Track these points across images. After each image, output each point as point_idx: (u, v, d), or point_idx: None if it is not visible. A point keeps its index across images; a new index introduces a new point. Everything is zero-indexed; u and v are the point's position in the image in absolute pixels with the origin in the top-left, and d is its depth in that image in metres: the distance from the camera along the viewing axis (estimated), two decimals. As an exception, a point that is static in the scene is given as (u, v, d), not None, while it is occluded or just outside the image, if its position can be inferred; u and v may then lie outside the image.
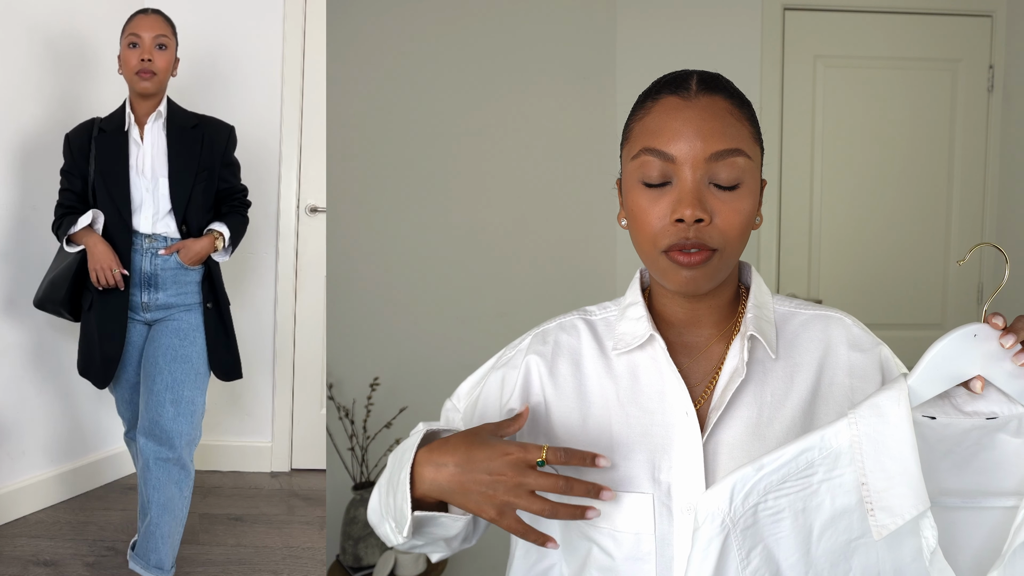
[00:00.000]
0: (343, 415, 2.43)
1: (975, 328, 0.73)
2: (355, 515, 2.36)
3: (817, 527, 0.72)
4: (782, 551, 0.72)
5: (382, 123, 2.54)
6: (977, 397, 0.73)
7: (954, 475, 0.73)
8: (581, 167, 2.57)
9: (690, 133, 0.82)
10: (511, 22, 2.59)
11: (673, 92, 0.86)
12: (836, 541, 0.72)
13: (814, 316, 0.93)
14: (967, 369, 0.73)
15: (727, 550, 0.71)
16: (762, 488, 0.71)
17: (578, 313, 0.98)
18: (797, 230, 2.81)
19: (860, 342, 0.91)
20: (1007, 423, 0.73)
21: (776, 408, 0.87)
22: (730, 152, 0.82)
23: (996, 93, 2.81)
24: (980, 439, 0.73)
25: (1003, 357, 0.72)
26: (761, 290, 0.93)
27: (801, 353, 0.90)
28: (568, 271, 2.53)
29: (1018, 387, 0.72)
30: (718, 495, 0.71)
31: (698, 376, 0.90)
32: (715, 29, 2.67)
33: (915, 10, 2.75)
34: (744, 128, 0.86)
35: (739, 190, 0.83)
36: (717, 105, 0.85)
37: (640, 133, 0.86)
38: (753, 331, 0.87)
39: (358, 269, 2.55)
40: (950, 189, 2.84)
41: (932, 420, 0.73)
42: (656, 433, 0.87)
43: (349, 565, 2.35)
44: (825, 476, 0.71)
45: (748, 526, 0.71)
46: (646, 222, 0.84)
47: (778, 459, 0.71)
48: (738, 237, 0.84)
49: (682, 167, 0.82)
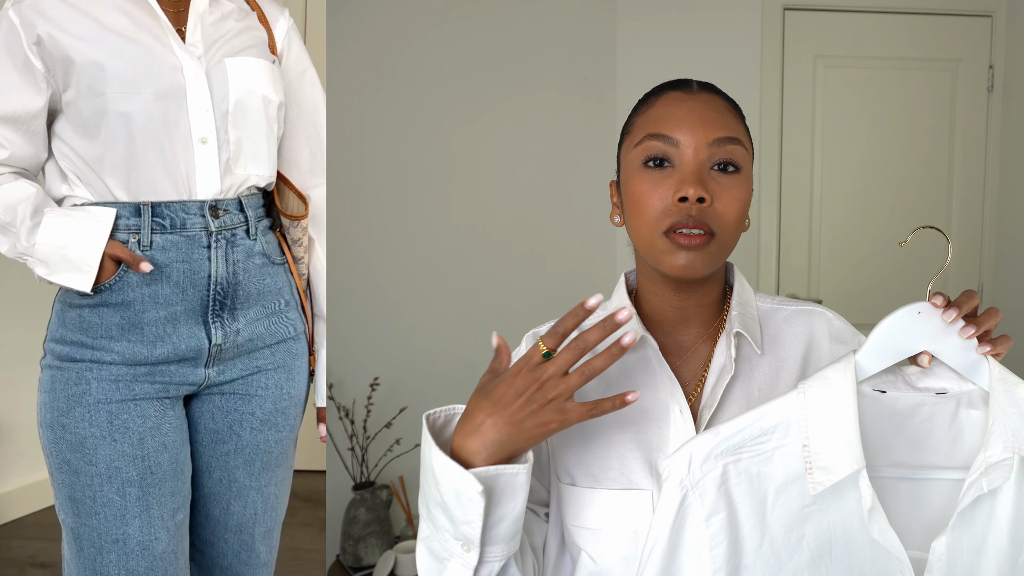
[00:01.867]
0: (343, 415, 2.43)
1: (920, 306, 0.76)
2: (355, 515, 2.36)
3: (771, 493, 0.74)
4: (740, 516, 0.75)
5: (382, 123, 2.54)
6: (928, 373, 0.77)
7: (905, 449, 0.76)
8: (581, 167, 2.57)
9: (693, 120, 0.86)
10: (512, 24, 2.59)
11: (675, 88, 0.91)
12: (789, 507, 0.74)
13: (796, 312, 0.95)
14: (913, 345, 0.76)
15: (685, 510, 0.74)
16: (719, 452, 0.74)
17: None
18: (797, 230, 2.81)
19: (842, 335, 0.93)
20: (957, 398, 0.76)
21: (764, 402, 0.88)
22: (730, 140, 0.87)
23: (996, 93, 2.81)
24: (931, 415, 0.76)
25: (949, 332, 0.75)
26: (744, 288, 0.96)
27: (785, 348, 0.92)
28: (568, 271, 2.53)
29: (964, 362, 0.75)
30: (677, 459, 0.75)
31: (688, 375, 0.91)
32: (715, 29, 2.67)
33: (915, 10, 2.76)
34: (740, 126, 0.90)
35: (738, 176, 0.87)
36: (716, 101, 0.90)
37: (644, 123, 0.89)
38: (739, 328, 0.89)
39: (358, 269, 2.55)
40: (950, 189, 2.84)
41: (883, 394, 0.76)
42: (652, 432, 0.87)
43: (349, 565, 2.35)
44: (778, 444, 0.74)
45: (707, 489, 0.74)
46: (648, 204, 0.86)
47: (734, 426, 0.75)
48: (735, 225, 0.87)
49: (685, 150, 0.86)
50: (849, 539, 0.75)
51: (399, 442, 2.42)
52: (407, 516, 2.52)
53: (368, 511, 2.35)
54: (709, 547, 0.74)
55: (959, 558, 0.73)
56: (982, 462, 0.72)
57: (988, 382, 0.75)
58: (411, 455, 2.44)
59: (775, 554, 0.75)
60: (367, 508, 2.35)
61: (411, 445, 2.42)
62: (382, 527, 2.37)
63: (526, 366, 0.76)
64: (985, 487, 0.71)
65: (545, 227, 2.59)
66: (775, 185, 2.77)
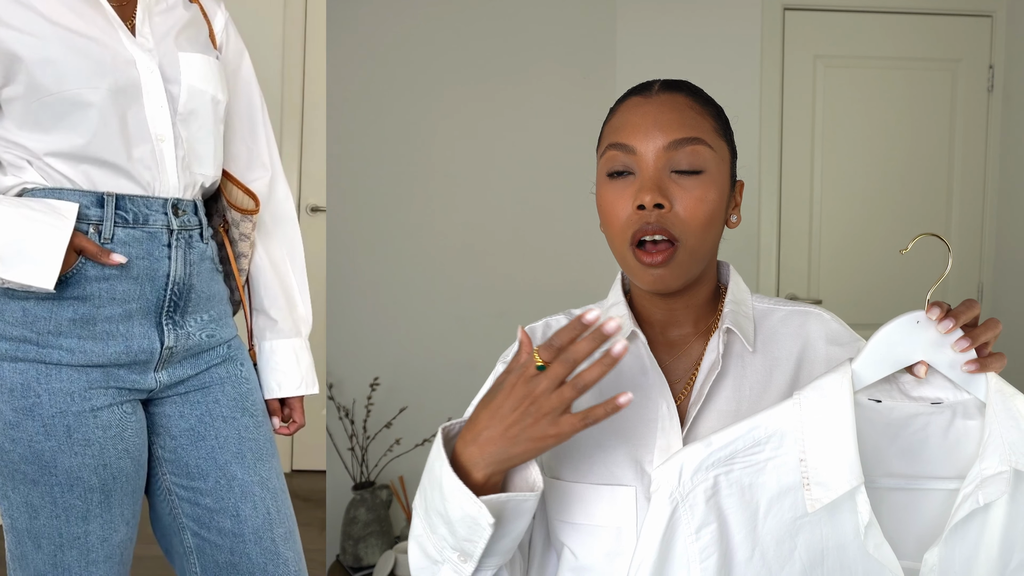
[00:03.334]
0: (343, 415, 2.43)
1: (918, 315, 0.74)
2: (355, 515, 2.36)
3: (764, 504, 0.74)
4: (731, 527, 0.74)
5: (382, 123, 2.54)
6: (923, 382, 0.76)
7: (901, 458, 0.76)
8: (582, 166, 2.57)
9: (648, 125, 0.85)
10: (512, 25, 2.59)
11: (636, 93, 0.90)
12: (782, 519, 0.74)
13: (792, 312, 0.94)
14: (910, 355, 0.74)
15: (675, 522, 0.73)
16: (710, 463, 0.73)
17: (563, 314, 0.99)
18: (797, 230, 2.81)
19: (838, 336, 0.92)
20: (953, 408, 0.75)
21: (755, 401, 0.87)
22: (688, 140, 0.85)
23: (996, 93, 2.81)
24: (927, 424, 0.75)
25: (946, 343, 0.74)
26: (739, 288, 0.94)
27: (780, 348, 0.91)
28: (568, 271, 2.53)
29: (960, 373, 0.74)
30: (668, 470, 0.74)
31: (678, 373, 0.91)
32: (715, 29, 2.67)
33: (915, 10, 2.75)
34: (706, 122, 0.87)
35: (701, 177, 0.85)
36: (676, 100, 0.87)
37: (607, 133, 0.90)
38: (729, 324, 0.89)
39: (358, 269, 2.55)
40: (950, 189, 2.84)
41: (878, 404, 0.76)
42: (639, 428, 0.87)
43: (349, 565, 2.35)
44: (772, 454, 0.73)
45: (697, 501, 0.73)
46: (613, 215, 0.86)
47: (727, 436, 0.73)
48: (701, 227, 0.85)
49: (643, 157, 0.85)
50: (842, 551, 0.74)
51: (399, 442, 2.42)
52: (407, 516, 2.52)
53: (368, 511, 2.35)
54: (699, 559, 0.73)
55: (951, 569, 0.73)
56: (977, 474, 0.72)
57: (985, 393, 0.74)
58: (411, 455, 2.44)
59: (766, 565, 0.74)
60: (367, 508, 2.36)
61: (411, 445, 2.43)
62: (382, 527, 2.37)
63: (521, 378, 0.74)
64: (981, 500, 0.71)
65: (546, 227, 2.59)
66: (775, 185, 2.77)
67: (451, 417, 0.87)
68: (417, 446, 2.42)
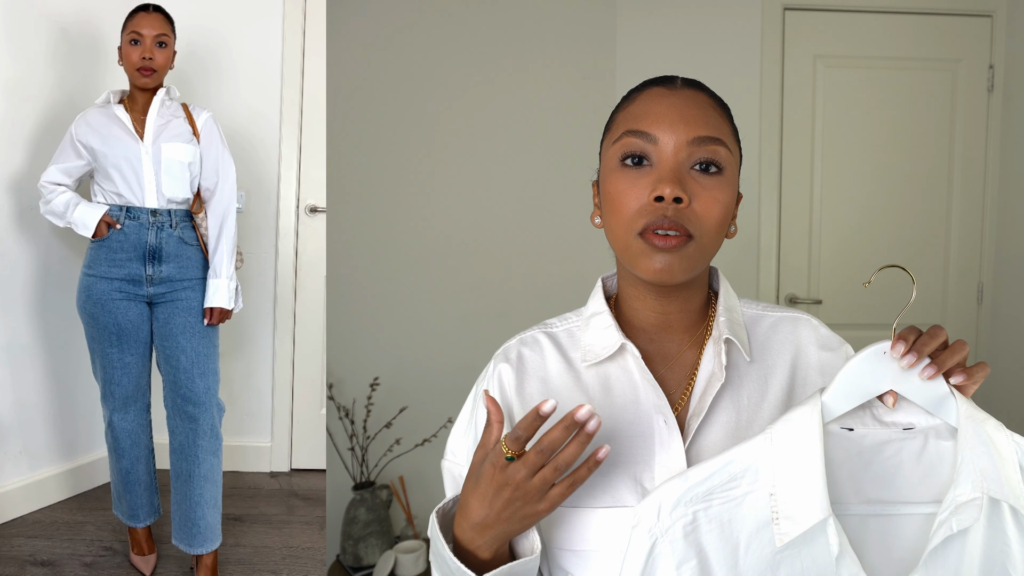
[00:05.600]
0: (343, 415, 2.43)
1: (884, 345, 0.75)
2: (355, 515, 2.36)
3: (743, 539, 0.73)
4: (712, 564, 0.73)
5: (382, 123, 2.54)
6: (896, 409, 0.76)
7: (876, 484, 0.76)
8: (582, 166, 2.57)
9: (674, 116, 0.83)
10: (512, 25, 2.59)
11: (658, 84, 0.88)
12: (762, 554, 0.73)
13: (781, 318, 0.93)
14: (879, 385, 0.75)
15: (655, 559, 0.73)
16: (688, 499, 0.73)
17: (538, 327, 0.97)
18: (797, 230, 2.81)
19: (828, 342, 0.91)
20: (925, 433, 0.76)
21: (754, 411, 0.86)
22: (712, 140, 0.83)
23: (996, 93, 2.81)
24: (899, 450, 0.76)
25: (914, 372, 0.75)
26: (729, 294, 0.93)
27: (773, 355, 0.90)
28: (568, 270, 2.53)
29: (930, 399, 0.75)
30: (647, 506, 0.74)
31: (672, 383, 0.89)
32: (715, 29, 2.67)
33: (915, 10, 2.76)
34: (725, 125, 0.86)
35: (719, 177, 0.83)
36: (699, 98, 0.86)
37: (624, 119, 0.87)
38: (728, 335, 0.87)
39: (358, 269, 2.55)
40: (950, 189, 2.84)
41: (850, 432, 0.76)
42: (636, 446, 0.85)
43: (349, 565, 2.35)
44: (748, 488, 0.73)
45: (676, 537, 0.73)
46: (624, 203, 0.83)
47: (703, 471, 0.74)
48: (715, 227, 0.83)
49: (664, 148, 0.82)
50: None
51: (399, 442, 2.42)
52: (407, 516, 2.52)
53: (368, 511, 2.35)
54: None
55: None
56: (951, 501, 0.72)
57: (956, 419, 0.74)
58: (411, 455, 2.44)
59: None
60: (367, 508, 2.36)
61: (411, 445, 2.43)
62: (382, 527, 2.37)
63: (496, 467, 0.76)
64: (955, 527, 0.71)
65: (545, 226, 2.59)
66: (775, 185, 2.77)
67: (451, 418, 0.87)
68: (417, 446, 2.42)
